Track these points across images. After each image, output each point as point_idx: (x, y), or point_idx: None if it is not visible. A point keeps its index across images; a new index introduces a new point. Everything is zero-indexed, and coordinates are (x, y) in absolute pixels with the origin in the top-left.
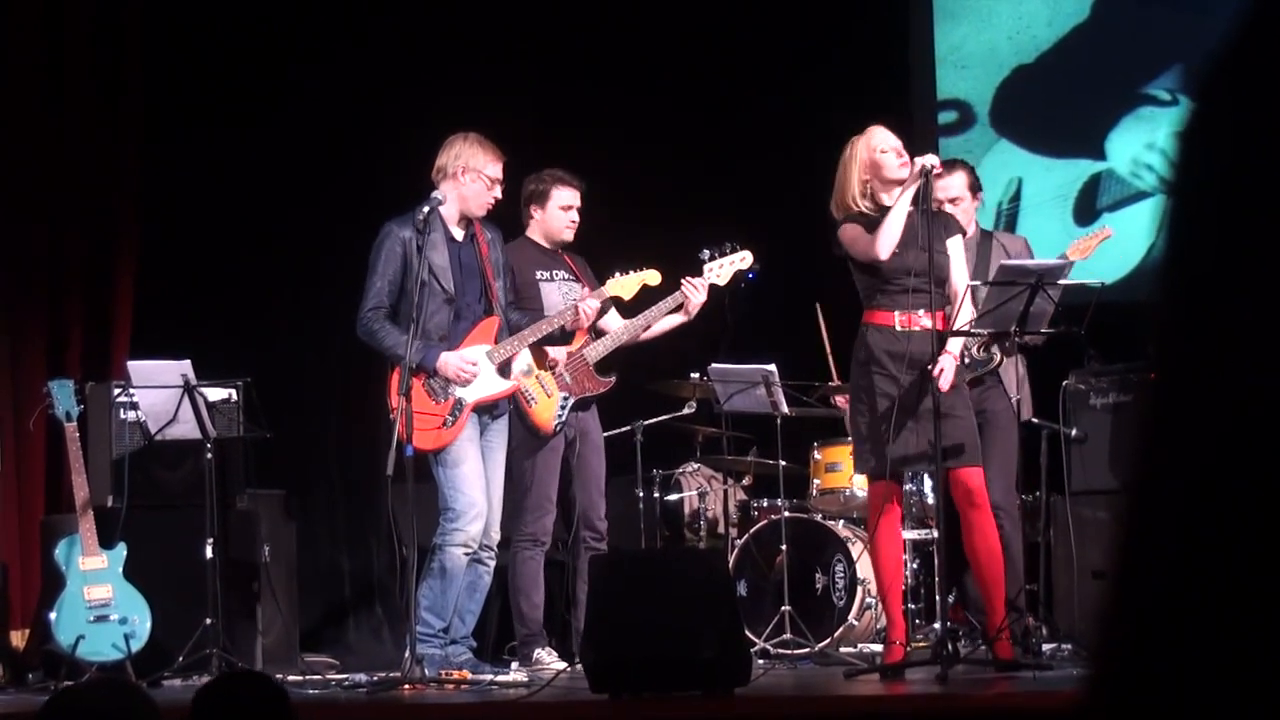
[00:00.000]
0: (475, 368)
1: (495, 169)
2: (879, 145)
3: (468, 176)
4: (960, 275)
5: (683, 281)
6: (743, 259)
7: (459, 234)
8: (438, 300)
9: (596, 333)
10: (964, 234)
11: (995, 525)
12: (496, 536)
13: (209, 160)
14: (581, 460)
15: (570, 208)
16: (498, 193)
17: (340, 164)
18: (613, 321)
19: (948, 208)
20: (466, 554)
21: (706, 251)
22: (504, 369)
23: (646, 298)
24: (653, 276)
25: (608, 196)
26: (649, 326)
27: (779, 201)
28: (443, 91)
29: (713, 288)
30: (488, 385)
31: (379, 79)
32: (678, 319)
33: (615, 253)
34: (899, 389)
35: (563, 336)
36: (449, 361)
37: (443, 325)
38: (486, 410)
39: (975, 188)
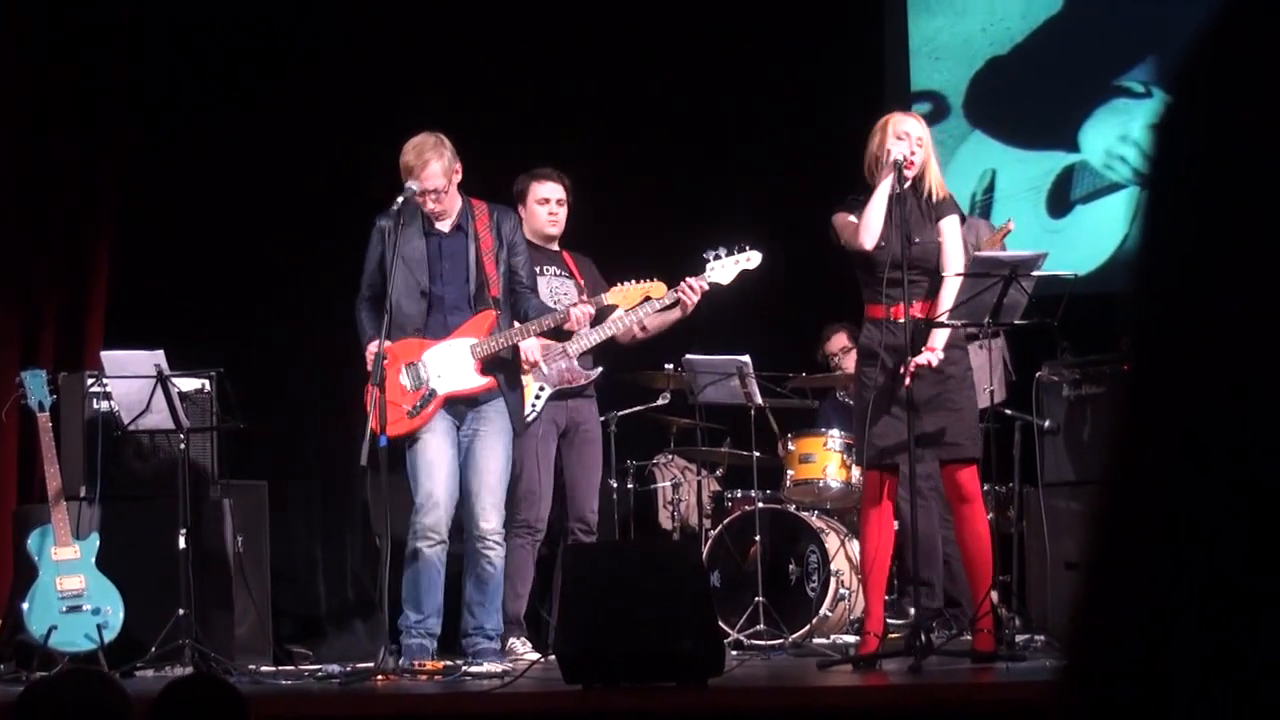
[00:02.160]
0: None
1: (412, 184)
2: (899, 128)
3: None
4: (953, 262)
5: (683, 283)
6: (749, 259)
7: (445, 225)
8: (410, 291)
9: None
10: (963, 216)
11: (985, 520)
12: (487, 526)
13: (184, 151)
14: (574, 451)
15: (547, 200)
16: (429, 204)
17: (317, 157)
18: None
19: None
20: (430, 546)
21: (712, 251)
22: (488, 365)
23: None
24: (657, 289)
25: (593, 195)
26: (643, 326)
27: (755, 195)
28: (427, 88)
29: (715, 286)
30: (461, 379)
31: (361, 74)
32: (675, 314)
33: (611, 253)
34: (888, 380)
35: (557, 334)
36: (368, 357)
37: (415, 316)
38: (464, 402)
39: None
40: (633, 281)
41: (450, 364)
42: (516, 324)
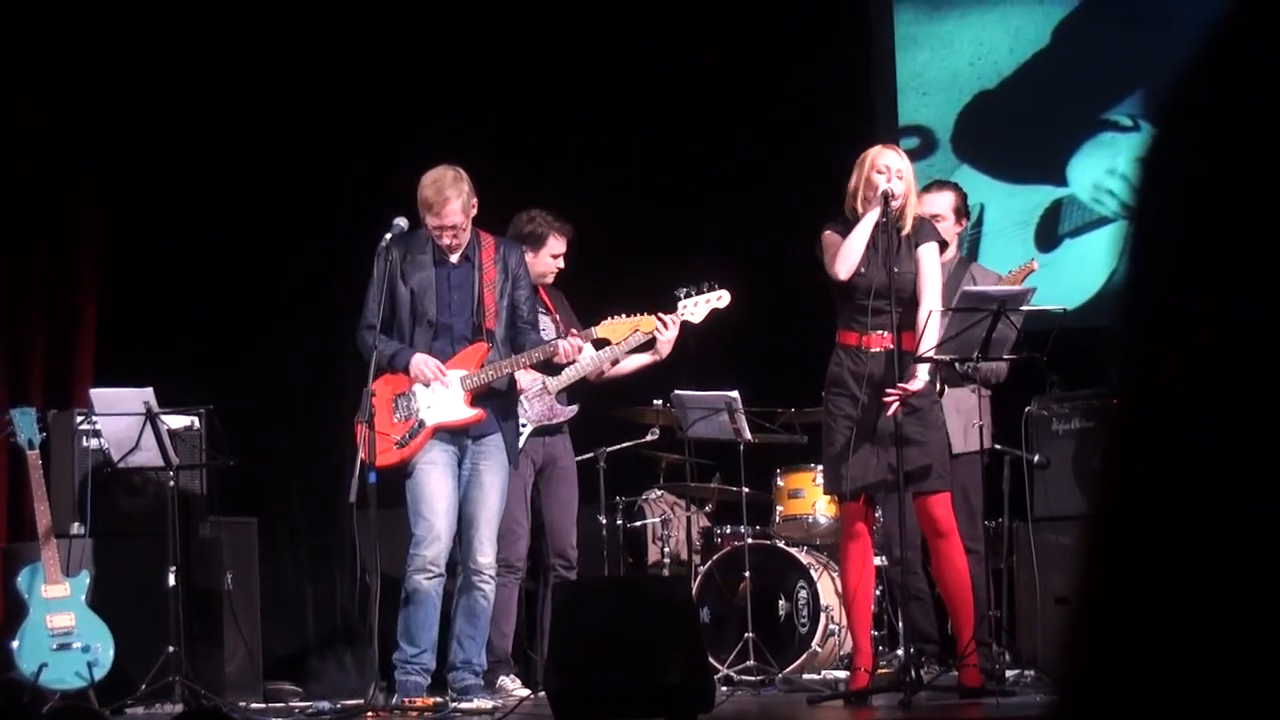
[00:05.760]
0: (444, 376)
1: (432, 220)
2: (880, 162)
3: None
4: (929, 288)
5: (655, 317)
6: (719, 298)
7: (455, 256)
8: (420, 321)
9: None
10: (943, 244)
11: (963, 553)
12: (484, 560)
13: (171, 189)
14: (551, 487)
15: (561, 255)
16: (446, 239)
17: (302, 194)
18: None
19: None
20: (429, 579)
21: (683, 289)
22: (478, 397)
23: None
24: (647, 323)
25: (576, 235)
26: (617, 361)
27: (744, 231)
28: (408, 132)
29: (686, 325)
30: (450, 411)
31: (342, 117)
32: (645, 359)
33: (585, 290)
34: (859, 410)
35: (545, 368)
36: (422, 362)
37: (420, 347)
38: (464, 435)
39: (961, 211)
40: (623, 315)
41: (440, 395)
42: (513, 355)
